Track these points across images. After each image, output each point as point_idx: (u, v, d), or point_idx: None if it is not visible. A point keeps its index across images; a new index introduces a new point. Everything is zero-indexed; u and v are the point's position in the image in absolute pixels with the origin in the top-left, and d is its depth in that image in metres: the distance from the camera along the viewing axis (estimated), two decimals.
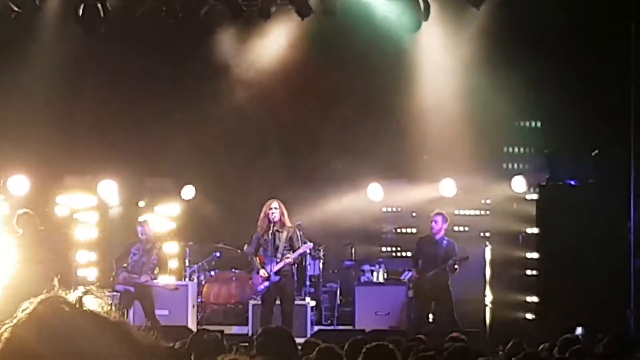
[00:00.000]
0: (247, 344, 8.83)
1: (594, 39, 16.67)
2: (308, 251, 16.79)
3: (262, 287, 15.16)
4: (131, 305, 15.85)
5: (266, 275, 15.06)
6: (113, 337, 2.24)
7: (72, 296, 2.33)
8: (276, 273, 15.03)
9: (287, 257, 15.04)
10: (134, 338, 2.27)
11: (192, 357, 6.84)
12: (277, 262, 15.00)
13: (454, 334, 10.90)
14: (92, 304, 2.31)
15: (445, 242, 16.19)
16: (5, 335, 2.26)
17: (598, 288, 15.93)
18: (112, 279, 16.08)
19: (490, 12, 17.26)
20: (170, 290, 16.38)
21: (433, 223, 16.21)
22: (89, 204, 18.93)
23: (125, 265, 15.98)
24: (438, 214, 16.32)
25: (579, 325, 15.11)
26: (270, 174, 18.83)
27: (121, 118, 18.42)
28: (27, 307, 2.28)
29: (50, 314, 2.23)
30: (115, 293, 15.77)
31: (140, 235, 16.09)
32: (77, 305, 2.28)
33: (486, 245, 17.64)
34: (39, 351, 2.18)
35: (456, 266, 16.00)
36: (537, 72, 16.87)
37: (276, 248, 15.05)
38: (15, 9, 16.71)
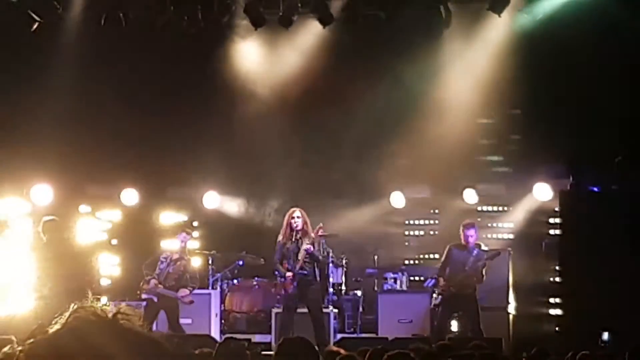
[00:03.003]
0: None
1: (617, 44, 16.62)
2: (330, 259, 16.87)
3: (292, 287, 15.15)
4: (156, 315, 15.88)
5: (292, 275, 15.05)
6: (146, 350, 2.26)
7: (107, 309, 2.34)
8: (299, 268, 15.06)
9: (307, 245, 14.98)
10: (167, 350, 2.28)
11: None
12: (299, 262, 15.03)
13: (476, 343, 10.85)
14: (124, 319, 2.32)
15: (475, 251, 16.04)
16: (38, 345, 2.27)
17: (622, 295, 15.86)
18: (141, 285, 16.15)
19: (511, 20, 17.26)
20: (186, 304, 16.29)
21: (470, 237, 15.95)
22: (111, 212, 18.96)
23: (152, 272, 16.06)
24: (472, 225, 16.09)
25: (605, 331, 15.07)
26: (292, 182, 18.83)
27: (143, 127, 18.46)
28: (60, 319, 2.29)
29: (82, 326, 2.24)
30: (142, 302, 15.86)
31: (180, 242, 16.16)
32: (111, 318, 2.29)
33: (509, 253, 17.57)
34: None
35: (484, 270, 15.84)
36: (560, 77, 16.86)
37: (299, 257, 15.08)
38: (38, 19, 16.82)
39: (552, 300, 17.45)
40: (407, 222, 20.01)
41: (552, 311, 17.37)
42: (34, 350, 2.28)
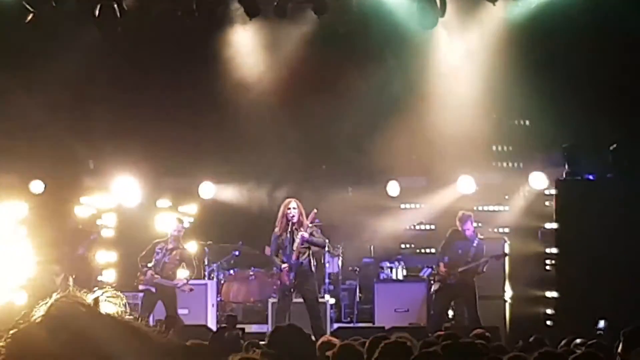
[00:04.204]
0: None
1: (613, 33, 16.61)
2: (326, 248, 16.85)
3: (289, 279, 15.10)
4: (154, 305, 15.91)
5: (288, 267, 15.02)
6: (127, 337, 2.26)
7: (90, 297, 2.34)
8: (296, 259, 15.03)
9: (302, 233, 14.94)
10: (149, 338, 2.28)
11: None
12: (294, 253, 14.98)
13: (478, 331, 10.87)
14: (108, 305, 2.33)
15: (476, 240, 16.05)
16: (20, 334, 2.27)
17: (618, 282, 15.86)
18: (138, 277, 16.18)
19: (506, 8, 17.24)
20: (185, 292, 16.31)
21: (466, 232, 15.98)
22: (108, 204, 18.94)
23: (149, 264, 16.08)
24: (468, 217, 16.09)
25: (601, 319, 15.07)
26: (287, 172, 18.84)
27: (138, 118, 18.45)
28: (42, 307, 2.29)
29: (64, 314, 2.24)
30: (139, 293, 15.88)
31: (173, 232, 16.18)
32: (92, 306, 2.29)
33: (505, 241, 17.58)
34: (52, 350, 2.19)
35: (486, 267, 15.91)
36: (554, 66, 16.85)
37: (294, 247, 15.04)
38: (32, 10, 16.77)
39: (548, 288, 17.44)
40: (403, 210, 19.98)
41: (548, 299, 17.36)
42: (17, 340, 2.27)
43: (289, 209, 15.07)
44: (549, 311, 17.29)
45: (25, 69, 17.52)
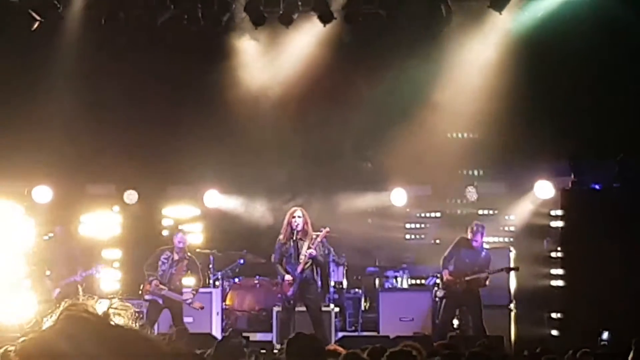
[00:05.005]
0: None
1: (620, 42, 16.62)
2: (331, 257, 16.84)
3: (291, 291, 15.12)
4: (158, 315, 15.90)
5: (291, 279, 15.03)
6: (136, 347, 2.25)
7: (99, 307, 2.33)
8: (300, 272, 15.03)
9: (310, 249, 14.96)
10: (158, 347, 2.27)
11: None
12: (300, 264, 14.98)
13: (483, 341, 10.84)
14: (117, 316, 2.32)
15: (484, 252, 16.04)
16: (29, 343, 2.26)
17: (624, 293, 15.84)
18: (142, 286, 16.17)
19: (513, 17, 17.25)
20: (197, 310, 16.34)
21: (474, 242, 15.96)
22: (113, 212, 18.95)
23: (154, 273, 16.07)
24: (480, 228, 16.05)
25: (605, 330, 15.05)
26: (292, 180, 18.81)
27: (144, 126, 18.45)
28: (52, 316, 2.29)
29: (74, 324, 2.24)
30: (144, 302, 15.87)
31: (177, 244, 16.16)
32: (102, 316, 2.28)
33: (510, 251, 17.55)
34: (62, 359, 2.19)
35: (488, 281, 15.89)
36: (561, 75, 16.85)
37: (299, 256, 15.03)
38: (38, 18, 16.81)
39: (553, 297, 17.41)
40: (407, 220, 19.95)
41: (554, 309, 17.33)
42: (26, 349, 2.27)
43: (294, 217, 15.09)
44: (554, 321, 17.25)
45: (31, 77, 17.53)
